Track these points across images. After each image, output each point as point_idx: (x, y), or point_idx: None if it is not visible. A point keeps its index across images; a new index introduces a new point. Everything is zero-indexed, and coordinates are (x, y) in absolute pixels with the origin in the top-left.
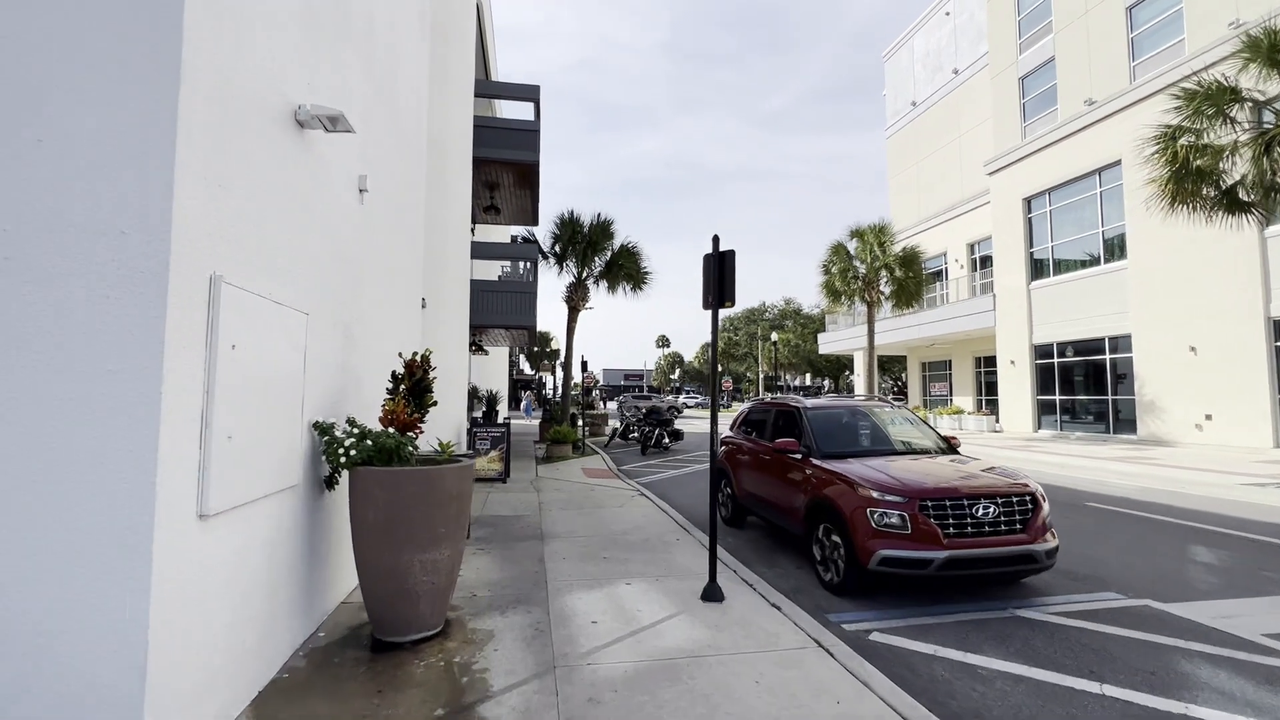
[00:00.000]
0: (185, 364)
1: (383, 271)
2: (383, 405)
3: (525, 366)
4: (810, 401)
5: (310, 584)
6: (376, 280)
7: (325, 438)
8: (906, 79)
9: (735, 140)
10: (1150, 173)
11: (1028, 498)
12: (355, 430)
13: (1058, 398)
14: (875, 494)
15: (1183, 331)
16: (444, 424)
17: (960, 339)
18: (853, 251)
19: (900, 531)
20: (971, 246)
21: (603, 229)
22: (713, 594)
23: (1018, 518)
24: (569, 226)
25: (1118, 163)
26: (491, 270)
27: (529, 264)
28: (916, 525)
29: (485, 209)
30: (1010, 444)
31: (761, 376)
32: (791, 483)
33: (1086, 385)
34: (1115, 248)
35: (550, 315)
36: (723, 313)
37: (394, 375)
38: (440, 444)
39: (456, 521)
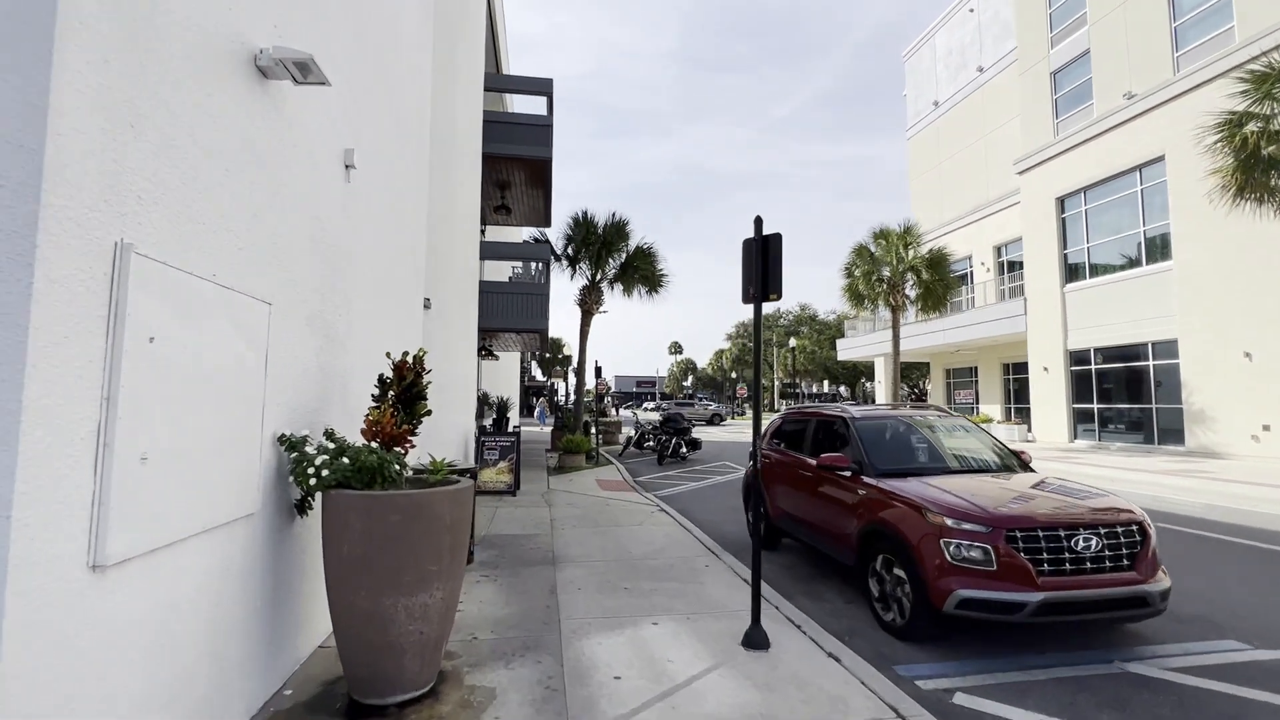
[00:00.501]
0: (70, 361)
1: (377, 264)
2: (366, 415)
3: (537, 373)
4: (857, 410)
5: (276, 630)
6: (368, 273)
7: (294, 454)
8: (928, 78)
9: (745, 147)
10: (1213, 163)
11: (1135, 527)
12: (331, 445)
13: (1095, 406)
14: (949, 521)
15: (1236, 336)
16: (451, 433)
17: (987, 345)
18: (876, 254)
19: (982, 568)
20: (998, 249)
21: (617, 229)
22: (757, 640)
23: (1124, 551)
24: (582, 227)
25: (1160, 158)
26: (501, 272)
27: (541, 265)
28: (1003, 560)
29: (496, 209)
30: (1046, 455)
31: (776, 384)
32: (839, 504)
33: (1126, 393)
34: (1158, 248)
35: (562, 320)
36: (736, 317)
37: (381, 380)
38: (433, 461)
39: (452, 556)
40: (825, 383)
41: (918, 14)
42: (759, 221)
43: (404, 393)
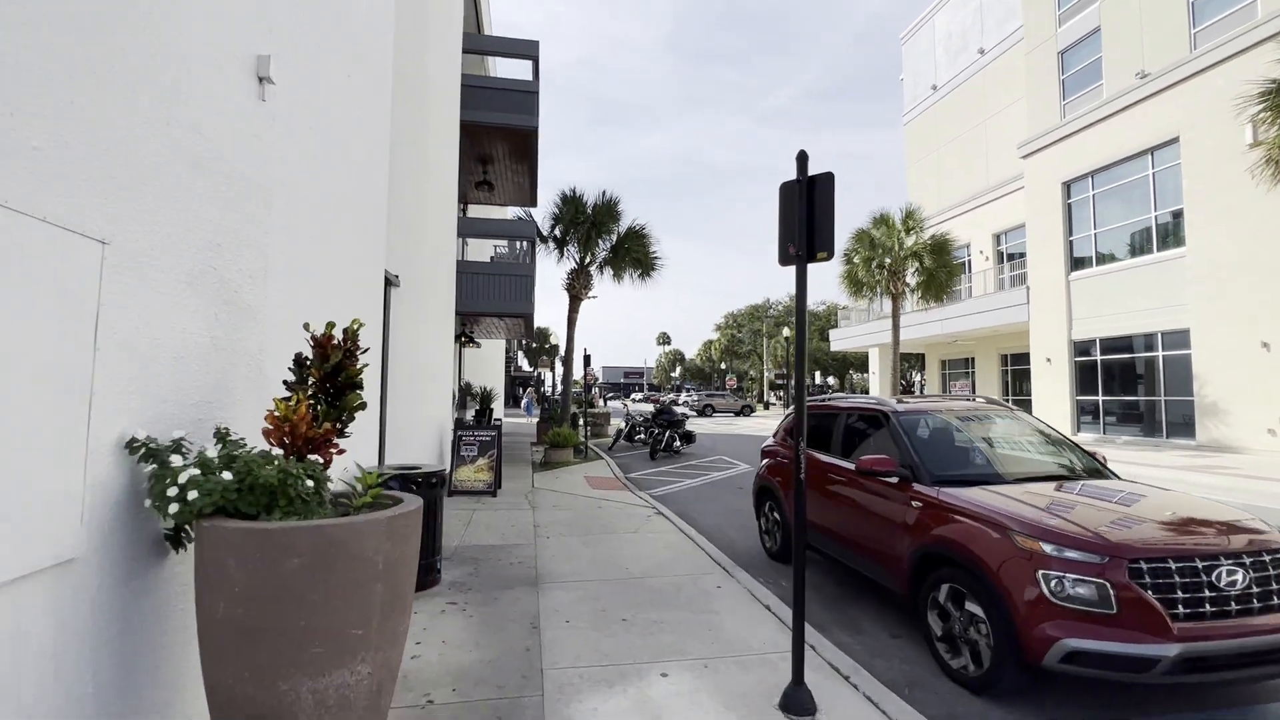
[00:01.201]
0: None
1: (313, 216)
2: (270, 411)
3: (524, 363)
4: (899, 404)
5: None
6: (300, 226)
7: (152, 466)
8: (926, 62)
9: (737, 138)
10: (1257, 135)
11: None
12: (214, 454)
13: (1100, 398)
14: (1047, 547)
15: (1253, 326)
16: (423, 429)
17: (985, 335)
18: (877, 239)
19: (1096, 609)
20: (998, 237)
21: (608, 209)
22: (800, 704)
23: (1276, 587)
24: (571, 205)
25: (1174, 140)
26: (483, 252)
27: (525, 245)
28: (1125, 601)
29: (477, 185)
30: None
31: (766, 375)
32: (881, 518)
33: (1134, 385)
34: (1170, 235)
35: (549, 308)
36: (726, 307)
37: (298, 360)
38: (363, 474)
39: (387, 613)
40: (818, 374)
41: (911, 3)
42: (803, 159)
43: (329, 378)
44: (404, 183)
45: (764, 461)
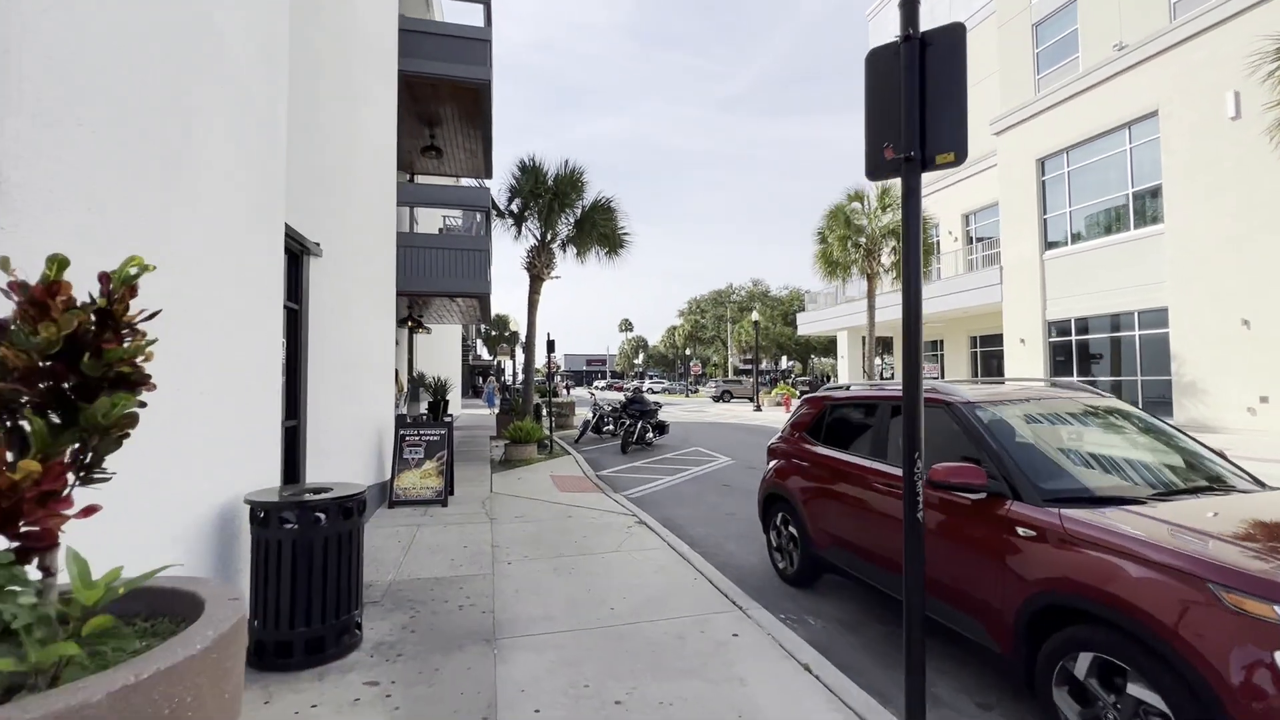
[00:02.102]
0: None
1: (142, 134)
2: None
3: (483, 351)
4: (969, 389)
5: None
6: (102, 128)
7: None
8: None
9: (697, 124)
10: (1270, 97)
11: None
12: None
13: (1075, 379)
14: None
15: (1234, 303)
16: (352, 430)
17: (955, 317)
18: (852, 217)
19: None
20: (966, 218)
21: (571, 180)
22: None
23: None
24: (530, 176)
25: (1153, 114)
26: (431, 224)
27: (480, 217)
28: None
29: (424, 150)
30: None
31: (730, 360)
32: (964, 548)
33: (1111, 365)
34: (1147, 212)
35: (508, 294)
36: (690, 293)
37: None
38: (80, 582)
39: None
40: (784, 358)
41: None
42: (911, 4)
43: (62, 366)
44: (327, 133)
45: (773, 463)
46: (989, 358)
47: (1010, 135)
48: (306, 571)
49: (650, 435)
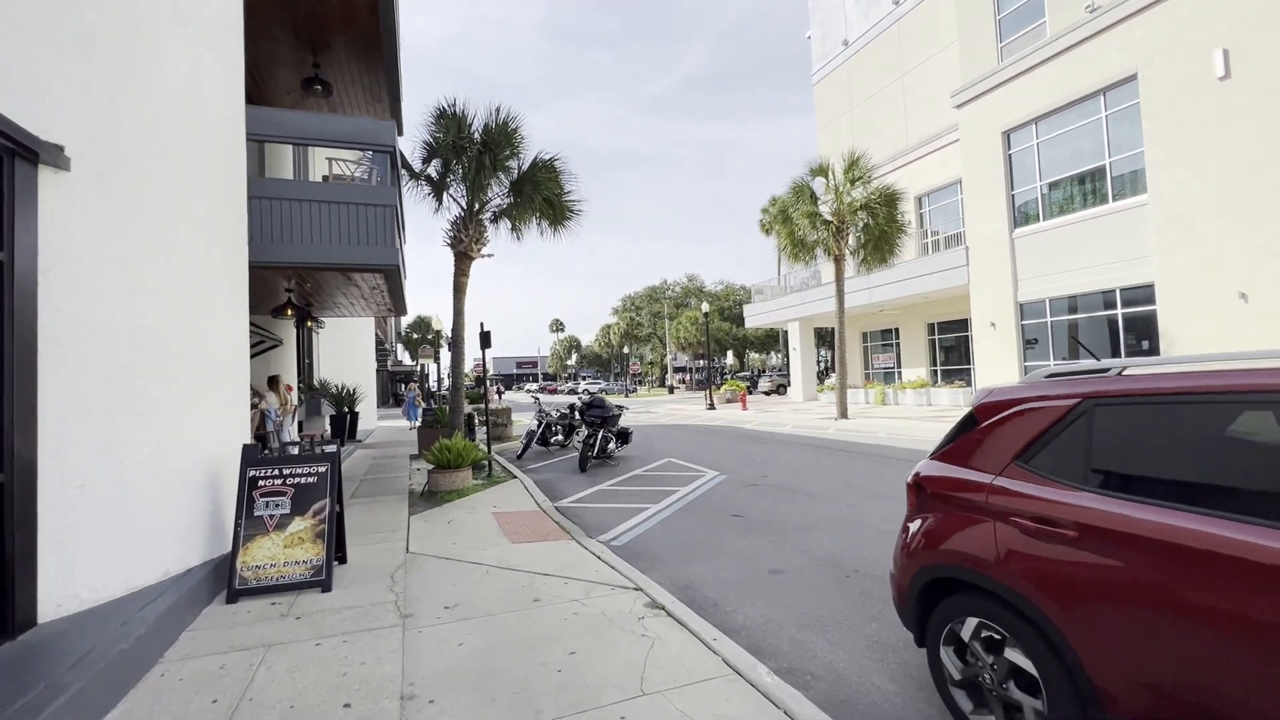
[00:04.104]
0: None
1: None
2: None
3: (405, 357)
4: None
5: None
6: None
7: None
8: (836, 15)
9: (616, 125)
10: None
11: None
12: None
13: (1052, 363)
14: None
15: (1229, 275)
16: (157, 475)
17: (913, 303)
18: (819, 193)
19: None
20: (920, 200)
21: (505, 132)
22: None
23: None
24: (452, 125)
25: (1131, 78)
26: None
27: (386, 160)
28: None
29: (306, 84)
30: None
31: (668, 358)
32: None
33: (1091, 347)
34: (1128, 182)
35: (427, 292)
36: (620, 292)
37: None
38: None
39: None
40: (730, 354)
41: (781, 6)
42: None
43: None
44: None
45: (932, 515)
46: (949, 345)
47: (972, 108)
48: None
49: (613, 446)
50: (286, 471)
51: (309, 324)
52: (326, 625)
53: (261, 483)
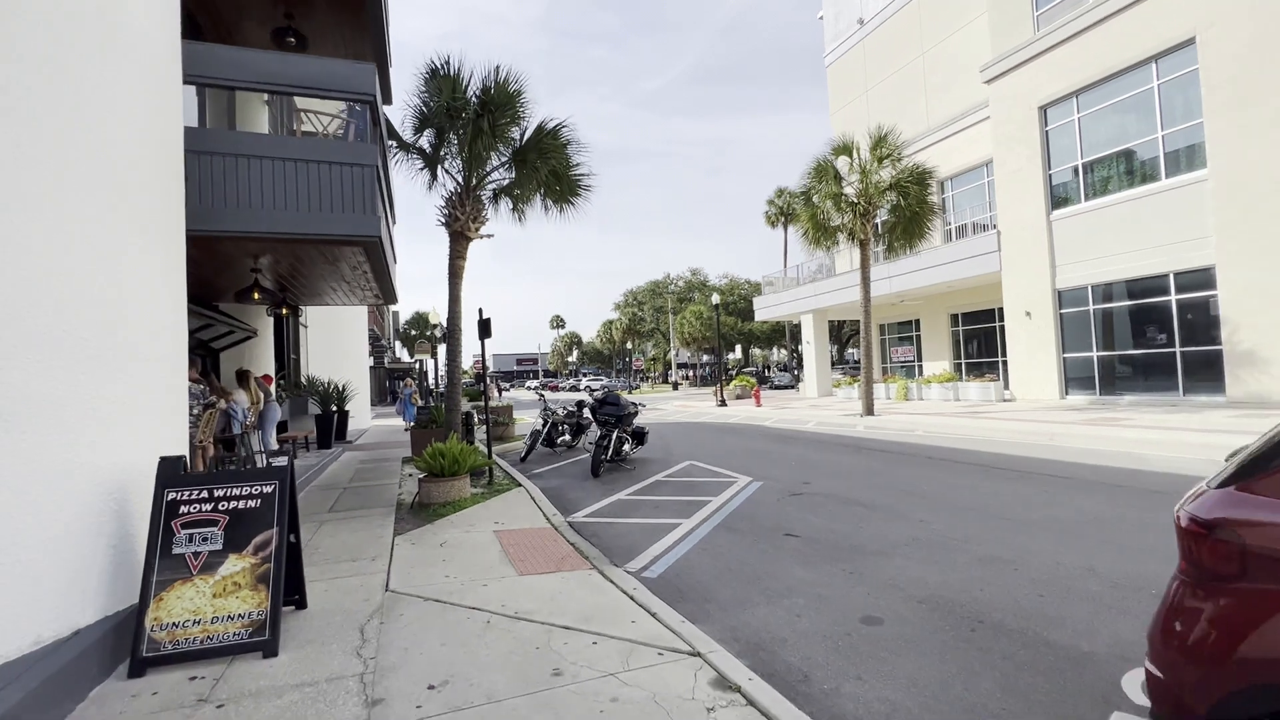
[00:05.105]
0: None
1: None
2: None
3: (403, 353)
4: None
5: None
6: None
7: None
8: None
9: (615, 121)
10: None
11: None
12: None
13: (1095, 354)
14: None
15: None
16: (18, 493)
17: (935, 293)
18: (843, 172)
19: None
20: (942, 184)
21: (506, 94)
22: None
23: None
24: (447, 86)
25: (1189, 42)
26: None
27: (365, 112)
28: None
29: (277, 34)
30: (1050, 417)
31: (671, 354)
32: None
33: (1140, 337)
34: (1182, 157)
35: (428, 286)
36: (621, 288)
37: None
38: None
39: None
40: (739, 348)
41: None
42: None
43: None
44: None
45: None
46: (974, 337)
47: (1005, 82)
48: None
49: (626, 447)
50: (219, 493)
51: (285, 312)
52: (259, 713)
53: (185, 509)
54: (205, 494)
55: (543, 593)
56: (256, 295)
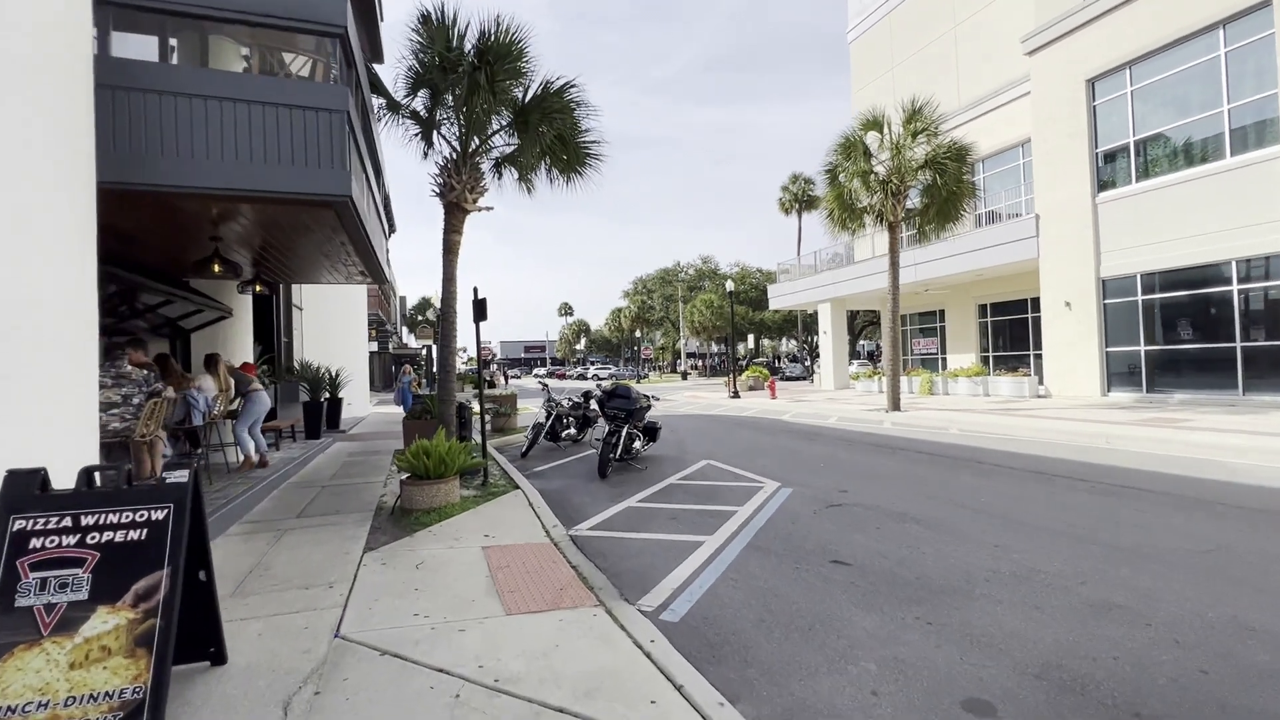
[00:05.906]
0: None
1: None
2: None
3: (410, 339)
4: None
5: None
6: None
7: None
8: None
9: (623, 107)
10: None
11: None
12: None
13: (1142, 348)
14: None
15: None
16: None
17: (962, 282)
18: (872, 149)
19: None
20: (973, 167)
21: (507, 47)
22: None
23: None
24: (440, 36)
25: (1262, 5)
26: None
27: (335, 47)
28: None
29: None
30: (1097, 416)
31: (681, 343)
32: None
33: (1194, 331)
34: (1251, 134)
35: (435, 266)
36: (629, 276)
37: None
38: None
39: None
40: (752, 338)
41: None
42: None
43: None
44: None
45: None
46: (1003, 329)
47: (1048, 54)
48: None
49: (637, 445)
50: (88, 520)
51: (258, 289)
52: None
53: (37, 543)
54: (69, 522)
55: (535, 644)
56: (217, 268)
